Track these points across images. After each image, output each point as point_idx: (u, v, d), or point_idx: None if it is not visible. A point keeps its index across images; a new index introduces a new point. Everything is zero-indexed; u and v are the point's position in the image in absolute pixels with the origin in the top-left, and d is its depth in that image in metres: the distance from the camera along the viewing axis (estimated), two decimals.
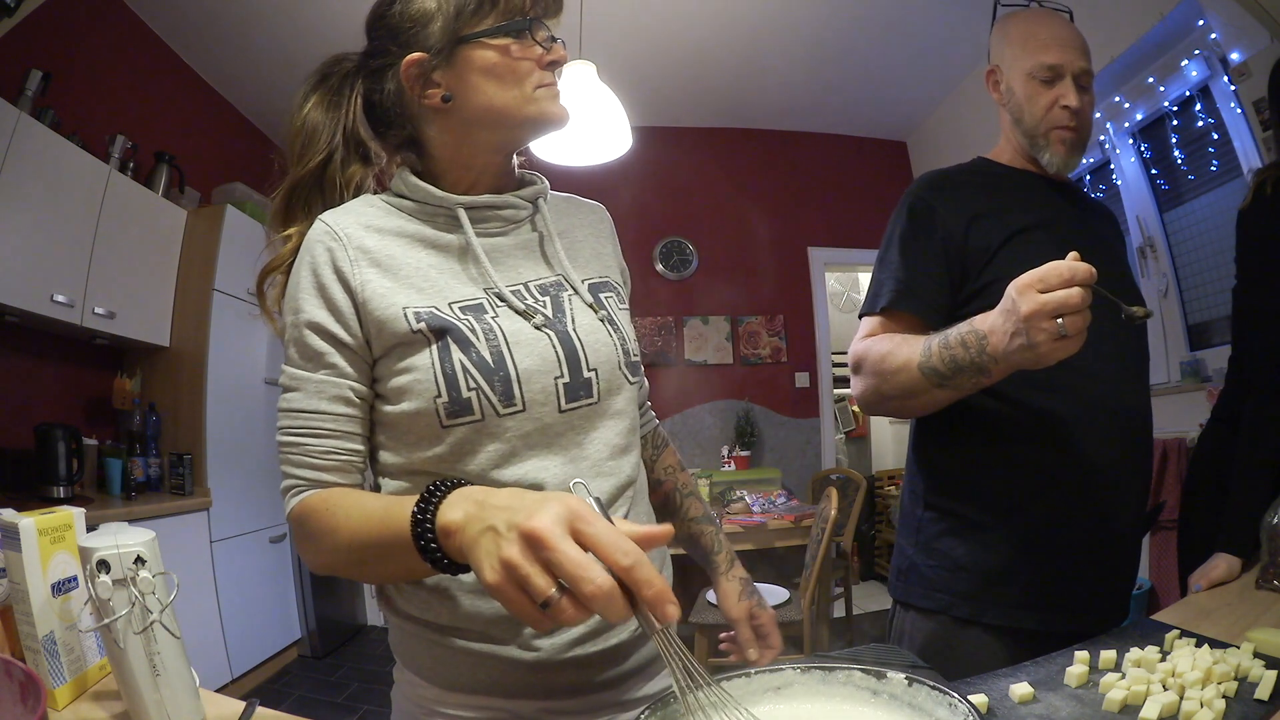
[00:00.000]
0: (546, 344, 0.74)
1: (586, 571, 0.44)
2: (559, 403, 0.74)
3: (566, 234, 0.86)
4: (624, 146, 2.45)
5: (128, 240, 2.77)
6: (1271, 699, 0.62)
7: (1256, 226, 1.19)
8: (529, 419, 0.72)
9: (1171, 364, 2.78)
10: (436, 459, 0.72)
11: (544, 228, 0.83)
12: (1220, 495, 1.13)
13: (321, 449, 0.72)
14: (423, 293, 0.73)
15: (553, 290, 0.79)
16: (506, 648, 0.73)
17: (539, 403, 0.72)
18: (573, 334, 0.76)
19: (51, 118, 2.46)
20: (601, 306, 0.80)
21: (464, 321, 0.71)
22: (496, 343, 0.71)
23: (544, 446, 0.73)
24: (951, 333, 0.90)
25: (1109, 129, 2.97)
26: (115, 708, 0.69)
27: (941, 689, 0.50)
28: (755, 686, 0.56)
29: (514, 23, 0.74)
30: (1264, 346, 1.15)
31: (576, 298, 0.79)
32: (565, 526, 0.46)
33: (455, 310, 0.72)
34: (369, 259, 0.73)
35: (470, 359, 0.70)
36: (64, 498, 2.46)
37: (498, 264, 0.78)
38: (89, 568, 0.62)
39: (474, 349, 0.70)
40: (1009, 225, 1.05)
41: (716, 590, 0.95)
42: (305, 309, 0.72)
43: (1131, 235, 2.93)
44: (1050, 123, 1.09)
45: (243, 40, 3.32)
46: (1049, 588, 1.01)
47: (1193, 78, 2.55)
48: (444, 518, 0.54)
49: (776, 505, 3.46)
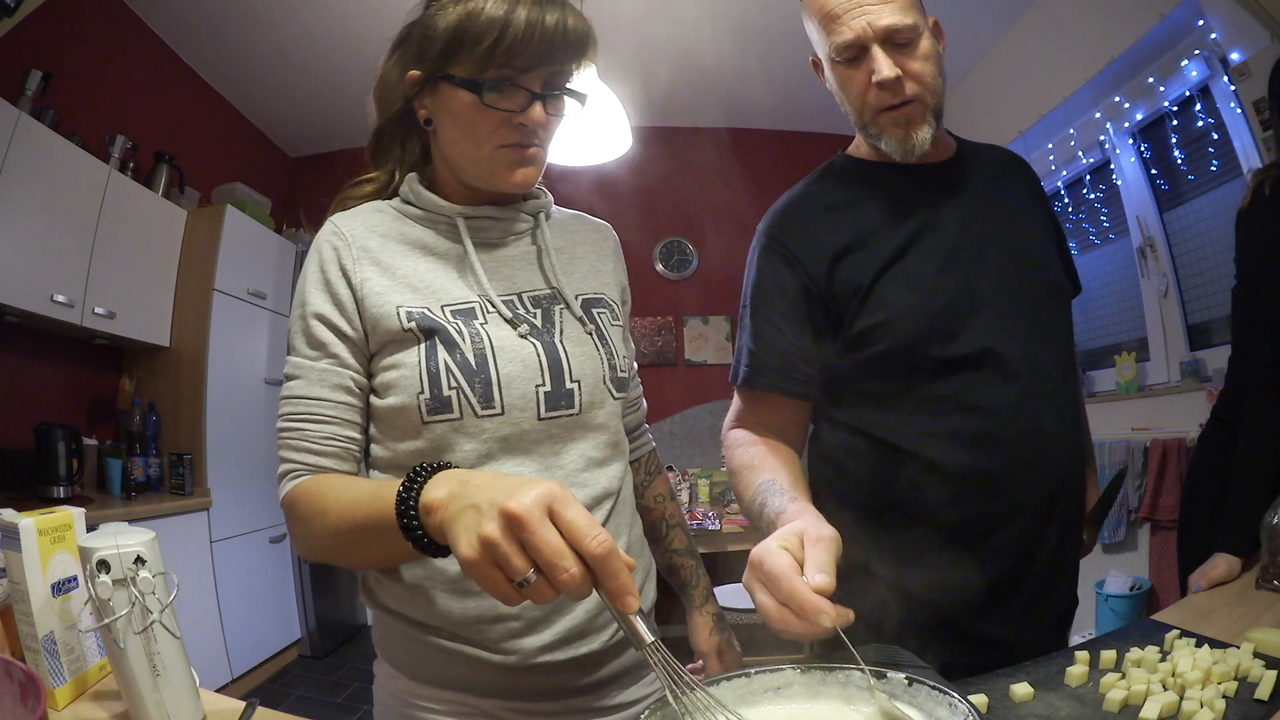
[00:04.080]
0: (531, 352, 0.76)
1: (562, 559, 0.46)
2: (538, 410, 0.75)
3: (567, 249, 0.87)
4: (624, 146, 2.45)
5: (128, 240, 2.77)
6: (1271, 699, 0.62)
7: (1256, 227, 1.19)
8: (506, 423, 0.74)
9: (1171, 364, 2.78)
10: (418, 454, 0.74)
11: (543, 241, 0.84)
12: (1220, 495, 1.13)
13: (320, 434, 0.74)
14: (418, 293, 0.76)
15: (545, 302, 0.81)
16: (476, 649, 0.74)
17: (518, 408, 0.74)
18: (559, 345, 0.77)
19: (51, 118, 2.46)
20: (592, 322, 0.82)
21: (453, 324, 0.74)
22: (481, 346, 0.74)
23: (520, 452, 0.75)
24: (764, 512, 0.81)
25: (1109, 129, 2.97)
26: (115, 708, 0.69)
27: (941, 689, 0.51)
28: (755, 686, 0.56)
29: (471, 80, 0.72)
30: (1264, 346, 1.15)
31: (568, 311, 0.81)
32: (544, 509, 0.47)
33: (446, 313, 0.75)
34: (370, 258, 0.76)
35: (454, 359, 0.73)
36: (64, 498, 2.45)
37: (494, 273, 0.80)
38: (89, 568, 0.62)
39: (459, 350, 0.73)
40: (880, 255, 0.91)
41: (689, 622, 0.97)
42: (311, 301, 0.76)
43: (1132, 235, 2.93)
44: (871, 107, 0.91)
45: (243, 40, 3.32)
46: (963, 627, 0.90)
47: (1193, 78, 2.54)
48: (428, 495, 0.55)
49: None
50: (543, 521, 0.47)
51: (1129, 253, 2.97)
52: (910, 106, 0.89)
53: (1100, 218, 3.18)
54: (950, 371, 0.90)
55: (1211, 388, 2.46)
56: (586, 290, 0.85)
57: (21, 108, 2.30)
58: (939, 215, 0.95)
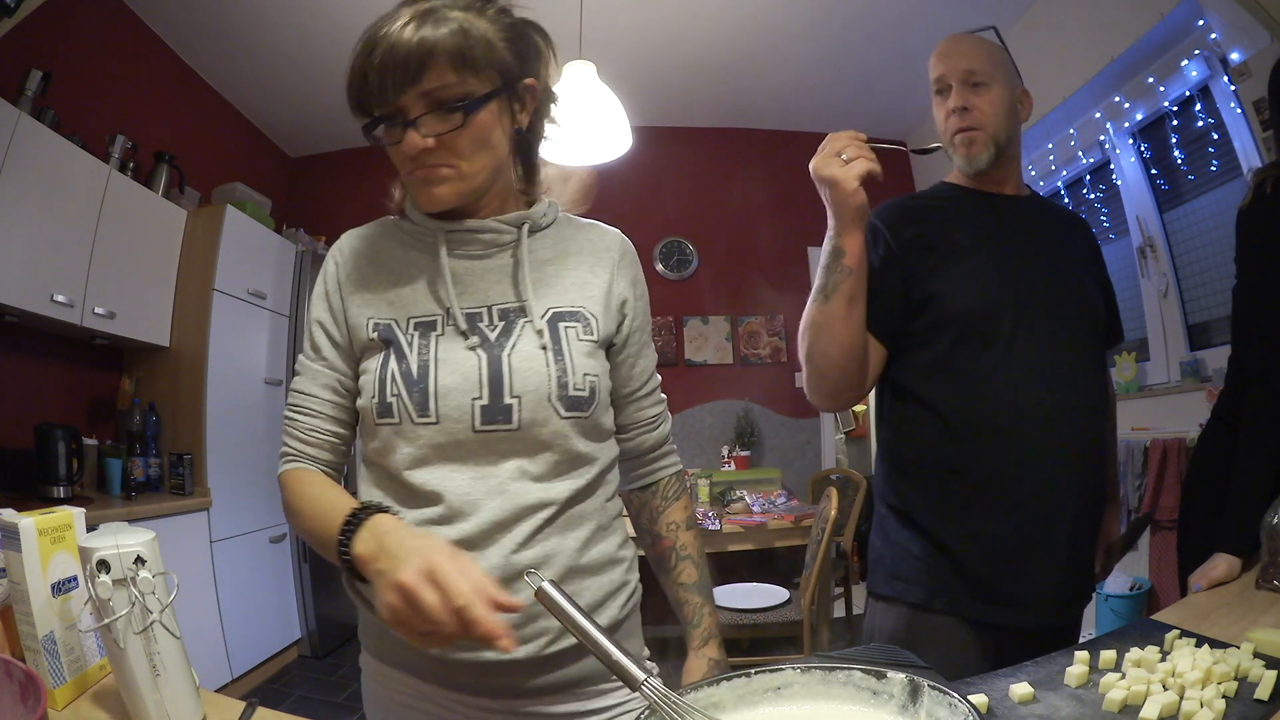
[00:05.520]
0: (473, 365, 0.78)
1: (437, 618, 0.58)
2: (473, 422, 0.77)
3: (556, 260, 0.87)
4: (624, 146, 2.45)
5: (128, 240, 2.77)
6: (1271, 699, 0.62)
7: (1256, 226, 1.19)
8: (441, 431, 0.77)
9: (1171, 364, 2.78)
10: (375, 451, 0.82)
11: (520, 254, 0.84)
12: (1220, 495, 1.13)
13: (308, 426, 0.84)
14: (391, 306, 0.83)
15: (512, 315, 0.82)
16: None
17: (453, 419, 0.77)
18: (505, 360, 0.79)
19: (51, 118, 2.46)
20: (553, 337, 0.81)
21: (409, 336, 0.81)
22: (426, 358, 0.79)
23: (456, 460, 0.78)
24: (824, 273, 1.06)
25: (1109, 129, 2.97)
26: (115, 708, 0.69)
27: (941, 689, 0.51)
28: (755, 686, 0.56)
29: (364, 127, 0.78)
30: (1264, 346, 1.15)
31: (529, 325, 0.81)
32: (426, 577, 0.59)
33: (409, 325, 0.81)
34: (358, 274, 0.86)
35: (400, 369, 0.79)
36: (64, 498, 2.45)
37: (468, 285, 0.83)
38: (89, 568, 0.62)
39: (406, 361, 0.79)
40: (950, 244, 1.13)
41: (685, 664, 0.93)
42: (315, 309, 0.87)
43: (1132, 235, 2.93)
44: (949, 130, 1.17)
45: (243, 40, 3.32)
46: (993, 582, 1.07)
47: (1193, 78, 2.54)
48: (355, 548, 0.68)
49: (776, 505, 3.46)
50: (424, 587, 0.59)
51: (1129, 253, 2.97)
52: (973, 132, 1.15)
53: (1100, 218, 3.18)
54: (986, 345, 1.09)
55: (1211, 388, 2.46)
56: (563, 303, 0.84)
57: (21, 108, 2.30)
58: (1004, 231, 1.16)
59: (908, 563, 1.11)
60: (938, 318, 1.10)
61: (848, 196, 0.98)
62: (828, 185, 0.99)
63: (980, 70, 1.15)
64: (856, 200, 0.98)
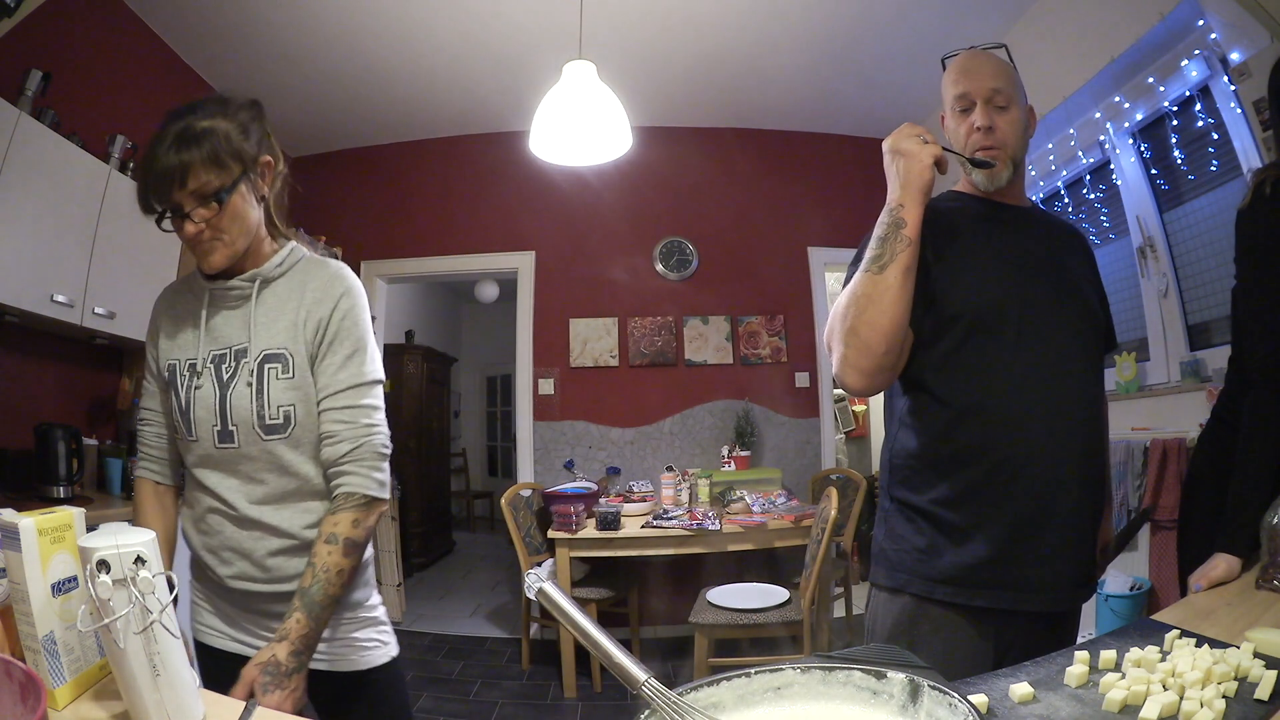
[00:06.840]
0: (212, 400, 1.08)
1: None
2: (215, 441, 1.09)
3: (277, 306, 1.11)
4: (624, 146, 2.45)
5: (128, 240, 2.76)
6: (1271, 699, 0.62)
7: (1256, 226, 1.19)
8: (200, 447, 1.10)
9: (1171, 364, 2.78)
10: (182, 451, 1.15)
11: (249, 306, 1.11)
12: (1220, 495, 1.13)
13: (150, 434, 1.18)
14: (180, 349, 1.12)
15: (243, 357, 1.09)
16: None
17: (205, 439, 1.09)
18: (229, 397, 1.08)
19: (51, 118, 2.45)
20: (258, 377, 1.07)
21: (183, 375, 1.11)
22: (190, 394, 1.09)
23: (213, 466, 1.10)
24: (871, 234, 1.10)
25: (1109, 129, 2.96)
26: (115, 708, 0.69)
27: (941, 689, 0.51)
28: (755, 686, 0.56)
29: (155, 220, 1.04)
30: (1263, 346, 1.15)
31: (248, 365, 1.08)
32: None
33: (184, 365, 1.11)
34: (166, 321, 1.16)
35: (178, 401, 1.10)
36: (64, 498, 2.45)
37: (218, 331, 1.11)
38: (89, 568, 0.62)
39: (179, 394, 1.10)
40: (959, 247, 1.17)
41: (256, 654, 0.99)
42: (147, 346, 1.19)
43: (1132, 235, 2.93)
44: (970, 146, 1.19)
45: (243, 40, 3.32)
46: (999, 565, 1.08)
47: (1193, 78, 2.54)
48: None
49: (776, 505, 3.46)
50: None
51: (1129, 253, 2.97)
52: (995, 151, 1.18)
53: (1100, 218, 3.18)
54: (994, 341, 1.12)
55: (1211, 388, 2.46)
56: (273, 345, 1.09)
57: (21, 108, 2.29)
58: (1008, 239, 1.21)
59: (911, 555, 1.13)
60: (947, 315, 1.14)
61: (922, 169, 1.05)
62: (903, 157, 1.07)
63: (1004, 91, 1.18)
64: (929, 175, 1.06)
